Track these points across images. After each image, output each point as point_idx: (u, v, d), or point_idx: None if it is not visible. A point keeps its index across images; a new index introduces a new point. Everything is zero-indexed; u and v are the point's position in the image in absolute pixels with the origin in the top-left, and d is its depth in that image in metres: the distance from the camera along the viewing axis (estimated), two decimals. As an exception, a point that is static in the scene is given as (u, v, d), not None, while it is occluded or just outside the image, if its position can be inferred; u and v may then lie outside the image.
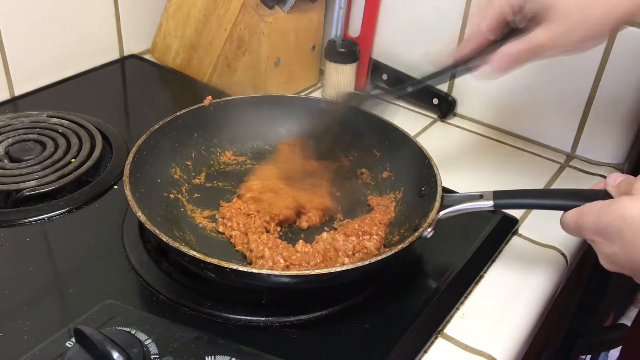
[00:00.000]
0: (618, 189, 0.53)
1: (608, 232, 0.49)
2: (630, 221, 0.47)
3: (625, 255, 0.48)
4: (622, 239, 0.48)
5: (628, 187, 0.51)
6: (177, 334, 0.52)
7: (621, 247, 0.48)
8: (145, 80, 1.02)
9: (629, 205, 0.48)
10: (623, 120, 0.85)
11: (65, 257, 0.64)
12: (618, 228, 0.48)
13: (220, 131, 0.78)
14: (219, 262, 0.54)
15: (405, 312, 0.60)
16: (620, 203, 0.49)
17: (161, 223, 0.63)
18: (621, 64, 0.81)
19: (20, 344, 0.52)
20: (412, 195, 0.70)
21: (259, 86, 0.93)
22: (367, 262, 0.55)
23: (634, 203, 0.48)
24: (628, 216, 0.48)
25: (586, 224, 0.52)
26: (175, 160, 0.73)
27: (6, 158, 0.76)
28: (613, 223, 0.49)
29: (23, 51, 0.91)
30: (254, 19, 0.89)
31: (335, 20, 1.00)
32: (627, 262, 0.49)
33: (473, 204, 0.62)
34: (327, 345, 0.56)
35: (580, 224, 0.53)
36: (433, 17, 0.94)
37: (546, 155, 0.90)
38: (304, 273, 0.55)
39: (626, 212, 0.48)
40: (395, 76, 0.99)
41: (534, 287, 0.66)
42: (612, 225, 0.49)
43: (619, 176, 0.54)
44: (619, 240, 0.48)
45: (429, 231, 0.60)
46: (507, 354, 0.58)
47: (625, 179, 0.53)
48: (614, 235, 0.49)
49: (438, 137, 0.93)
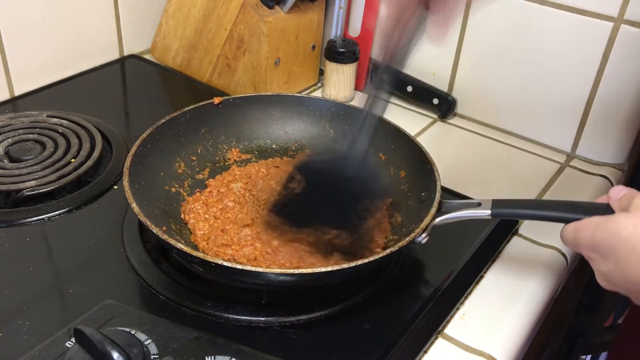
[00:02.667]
0: (620, 204, 0.51)
1: (603, 250, 0.48)
2: (626, 239, 0.46)
3: (620, 273, 0.47)
4: (616, 257, 0.47)
5: (628, 202, 0.50)
6: (177, 334, 0.52)
7: (616, 265, 0.47)
8: (145, 80, 1.02)
9: (624, 223, 0.47)
10: (623, 120, 0.85)
11: (65, 257, 0.64)
12: (613, 246, 0.47)
13: (228, 128, 0.78)
14: (204, 257, 0.54)
15: (405, 312, 0.60)
16: (616, 220, 0.48)
17: (159, 215, 0.63)
18: (621, 63, 0.81)
19: (20, 344, 0.52)
20: (413, 200, 0.70)
21: (259, 86, 0.93)
22: (354, 264, 0.54)
23: (629, 220, 0.47)
24: (623, 234, 0.46)
25: (582, 240, 0.51)
26: (180, 154, 0.73)
27: (6, 158, 0.76)
28: (608, 240, 0.48)
29: (23, 51, 0.91)
30: (254, 19, 0.89)
31: (335, 20, 1.01)
32: (622, 281, 0.48)
33: (470, 212, 0.61)
34: (327, 345, 0.56)
35: (576, 239, 0.51)
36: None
37: (546, 155, 0.90)
38: (287, 271, 0.54)
39: (621, 230, 0.46)
40: (395, 76, 0.99)
41: (534, 287, 0.66)
42: (607, 242, 0.48)
43: (622, 189, 0.52)
44: (614, 258, 0.47)
45: (422, 237, 0.60)
46: (507, 354, 0.58)
47: (627, 193, 0.51)
48: (608, 253, 0.48)
49: (438, 137, 0.93)
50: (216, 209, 0.68)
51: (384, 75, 0.63)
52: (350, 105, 0.80)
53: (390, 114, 0.79)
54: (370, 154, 0.65)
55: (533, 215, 0.60)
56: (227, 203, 0.69)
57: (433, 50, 0.96)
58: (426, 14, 0.60)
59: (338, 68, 0.96)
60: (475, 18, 0.90)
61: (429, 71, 0.98)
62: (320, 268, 0.54)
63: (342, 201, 0.63)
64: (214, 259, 0.54)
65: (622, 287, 0.49)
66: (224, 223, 0.66)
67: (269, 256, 0.61)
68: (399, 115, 0.97)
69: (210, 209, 0.68)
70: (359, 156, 0.63)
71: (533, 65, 0.88)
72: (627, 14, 0.79)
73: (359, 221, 0.64)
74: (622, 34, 0.80)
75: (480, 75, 0.93)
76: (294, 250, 0.62)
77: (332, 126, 0.80)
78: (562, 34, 0.84)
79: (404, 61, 0.65)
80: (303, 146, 0.80)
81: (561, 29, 0.84)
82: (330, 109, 0.80)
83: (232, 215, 0.67)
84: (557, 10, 0.83)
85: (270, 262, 0.61)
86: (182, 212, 0.68)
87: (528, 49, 0.87)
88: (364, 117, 0.63)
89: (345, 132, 0.79)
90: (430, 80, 0.98)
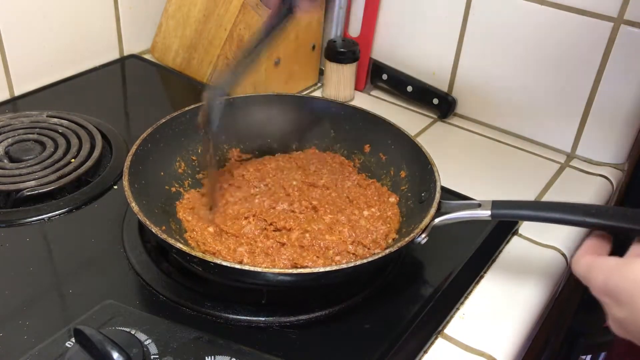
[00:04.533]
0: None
1: (617, 295, 0.45)
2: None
3: (636, 323, 0.44)
4: (632, 305, 0.43)
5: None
6: (177, 334, 0.52)
7: (632, 313, 0.44)
8: (145, 80, 1.02)
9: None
10: (623, 120, 0.85)
11: (65, 257, 0.64)
12: (629, 293, 0.44)
13: (229, 128, 0.78)
14: (203, 256, 0.54)
15: (406, 312, 0.60)
16: (633, 266, 0.45)
17: (159, 215, 0.63)
18: (621, 63, 0.81)
19: (20, 344, 0.52)
20: (413, 200, 0.70)
21: (259, 86, 0.93)
22: (353, 264, 0.54)
23: None
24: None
25: (594, 282, 0.47)
26: (181, 154, 0.73)
27: (6, 158, 0.76)
28: (624, 286, 0.44)
29: (23, 51, 0.91)
30: (254, 18, 0.89)
31: (335, 20, 1.00)
32: (637, 331, 0.44)
33: (470, 213, 0.61)
34: (327, 345, 0.56)
35: (588, 279, 0.48)
36: (433, 16, 0.94)
37: (546, 155, 0.90)
38: (286, 271, 0.55)
39: (639, 277, 0.44)
40: (395, 76, 1.00)
41: (534, 287, 0.66)
42: (623, 288, 0.44)
43: None
44: (629, 306, 0.44)
45: (422, 237, 0.60)
46: (507, 354, 0.58)
47: None
48: (624, 299, 0.44)
49: (438, 137, 0.93)
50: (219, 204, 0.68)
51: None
52: (350, 105, 0.80)
53: (390, 114, 0.79)
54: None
55: (533, 217, 0.60)
56: (227, 199, 0.69)
57: (433, 50, 0.96)
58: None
59: (338, 68, 0.96)
60: (475, 18, 0.90)
61: (429, 71, 0.98)
62: (320, 268, 0.54)
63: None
64: (212, 258, 0.54)
65: (637, 338, 0.45)
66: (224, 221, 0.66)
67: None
68: (399, 115, 0.97)
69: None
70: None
71: (533, 65, 0.88)
72: (627, 14, 0.79)
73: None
74: (622, 34, 0.80)
75: (480, 75, 0.93)
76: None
77: (332, 126, 0.80)
78: (562, 34, 0.84)
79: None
80: (303, 146, 0.80)
81: (561, 29, 0.83)
82: (330, 109, 0.80)
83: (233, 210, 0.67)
84: (557, 10, 0.83)
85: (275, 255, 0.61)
86: (178, 212, 0.67)
87: (528, 49, 0.87)
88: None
89: (346, 131, 0.79)
90: (430, 80, 0.98)
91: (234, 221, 0.65)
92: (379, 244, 0.64)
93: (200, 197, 0.69)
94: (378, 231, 0.65)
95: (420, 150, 0.71)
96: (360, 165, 0.77)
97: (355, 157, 0.78)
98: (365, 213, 0.67)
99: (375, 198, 0.70)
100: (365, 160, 0.77)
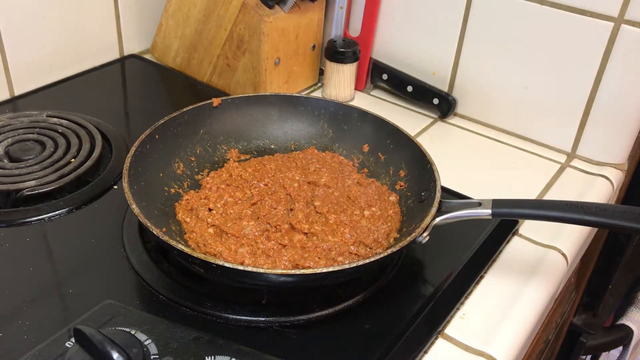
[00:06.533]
0: None
1: None
2: None
3: None
4: None
5: None
6: (177, 334, 0.52)
7: None
8: (145, 80, 1.02)
9: None
10: (624, 120, 0.85)
11: (65, 257, 0.64)
12: None
13: (227, 128, 0.78)
14: (205, 258, 0.54)
15: (406, 312, 0.60)
16: None
17: (159, 216, 0.63)
18: (621, 63, 0.81)
19: (20, 344, 0.52)
20: (413, 200, 0.70)
21: (259, 86, 0.93)
22: (354, 265, 0.54)
23: None
24: None
25: None
26: (179, 155, 0.73)
27: (6, 158, 0.76)
28: None
29: (23, 51, 0.91)
30: (254, 18, 0.89)
31: (335, 20, 1.01)
32: None
33: (471, 212, 0.61)
34: (327, 345, 0.56)
35: None
36: (433, 16, 0.94)
37: (546, 155, 0.90)
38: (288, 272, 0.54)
39: None
40: (396, 76, 1.00)
41: (534, 287, 0.66)
42: None
43: None
44: None
45: (423, 236, 0.60)
46: (507, 354, 0.58)
47: None
48: None
49: (438, 137, 0.93)
50: (219, 205, 0.68)
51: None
52: (348, 105, 0.80)
53: (390, 114, 0.79)
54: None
55: (533, 215, 0.60)
56: (227, 199, 0.69)
57: (433, 50, 0.96)
58: None
59: (338, 68, 0.96)
60: (476, 18, 0.90)
61: (429, 71, 0.98)
62: (321, 268, 0.54)
63: None
64: (215, 260, 0.54)
65: None
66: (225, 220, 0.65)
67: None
68: (399, 115, 0.97)
69: (215, 204, 0.68)
70: None
71: (533, 65, 0.88)
72: (627, 14, 0.79)
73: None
74: (622, 34, 0.80)
75: (481, 75, 0.93)
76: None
77: (330, 126, 0.80)
78: (562, 34, 0.84)
79: None
80: (302, 146, 0.80)
81: (561, 29, 0.83)
82: (329, 109, 0.80)
83: (234, 211, 0.67)
84: (557, 10, 0.83)
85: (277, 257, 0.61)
86: (177, 213, 0.67)
87: (528, 49, 0.87)
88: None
89: (344, 131, 0.79)
90: (430, 80, 0.98)
91: (234, 222, 0.65)
92: (381, 244, 0.64)
93: (200, 199, 0.69)
94: (379, 230, 0.65)
95: (420, 150, 0.71)
96: (359, 165, 0.77)
97: (354, 156, 0.78)
98: (366, 212, 0.67)
99: (375, 197, 0.70)
100: (364, 160, 0.77)
